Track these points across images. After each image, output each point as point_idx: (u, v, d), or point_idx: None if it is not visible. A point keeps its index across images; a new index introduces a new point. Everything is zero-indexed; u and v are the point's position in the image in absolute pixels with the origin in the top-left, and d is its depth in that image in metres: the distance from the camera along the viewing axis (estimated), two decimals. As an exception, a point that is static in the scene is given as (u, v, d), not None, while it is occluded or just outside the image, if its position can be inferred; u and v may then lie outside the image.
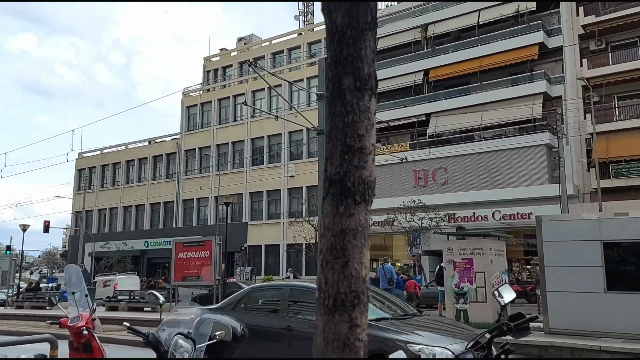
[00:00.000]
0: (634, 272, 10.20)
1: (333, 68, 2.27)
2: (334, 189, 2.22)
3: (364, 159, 2.22)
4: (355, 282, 2.17)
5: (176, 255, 18.72)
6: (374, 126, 2.28)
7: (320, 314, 2.20)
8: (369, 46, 2.26)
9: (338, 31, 2.25)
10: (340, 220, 2.19)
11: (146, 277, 40.70)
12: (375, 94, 2.29)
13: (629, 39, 27.69)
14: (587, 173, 27.11)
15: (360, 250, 2.21)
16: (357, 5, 2.23)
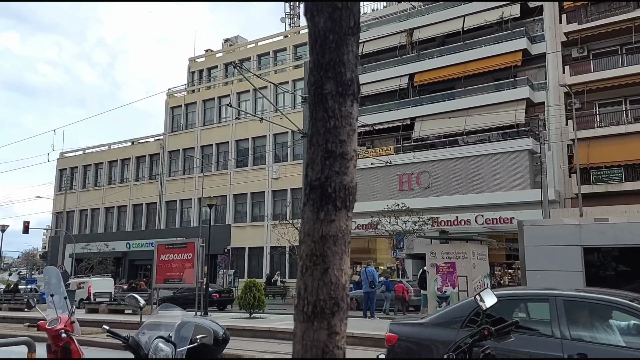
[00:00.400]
0: (612, 277, 10.36)
1: (315, 73, 2.25)
2: (314, 195, 2.19)
3: (345, 164, 2.19)
4: (335, 289, 2.13)
5: (158, 258, 18.55)
6: (356, 132, 2.25)
7: (299, 320, 2.17)
8: (352, 51, 2.25)
9: (320, 35, 2.24)
10: (321, 226, 2.16)
11: (127, 279, 40.29)
12: (357, 100, 2.27)
13: (610, 47, 28.16)
14: (569, 178, 27.47)
15: (340, 256, 2.17)
16: (340, 9, 2.21)
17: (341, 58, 2.21)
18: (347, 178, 2.19)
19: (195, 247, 17.77)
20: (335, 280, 2.14)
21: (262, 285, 18.33)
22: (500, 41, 30.14)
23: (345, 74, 2.22)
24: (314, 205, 2.18)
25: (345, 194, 2.18)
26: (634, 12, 26.65)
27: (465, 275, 11.97)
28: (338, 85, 2.20)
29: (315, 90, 2.24)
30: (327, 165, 2.17)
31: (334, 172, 2.17)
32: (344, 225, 2.20)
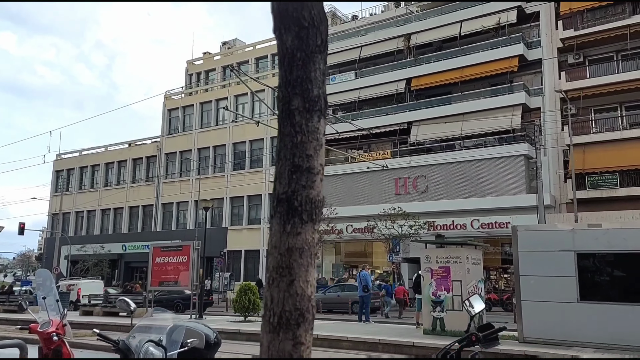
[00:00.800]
0: (606, 282, 10.40)
1: (283, 89, 2.31)
2: (281, 208, 2.24)
3: (311, 178, 2.25)
4: (300, 300, 2.18)
5: (153, 260, 18.52)
6: (323, 147, 2.31)
7: (265, 331, 2.22)
8: (319, 68, 2.30)
9: (288, 53, 2.29)
10: (287, 238, 2.21)
11: (122, 282, 40.18)
12: (324, 115, 2.32)
13: (606, 53, 28.31)
14: (564, 184, 27.57)
15: (306, 268, 2.21)
16: (306, 28, 2.26)
17: (308, 75, 2.27)
18: (313, 192, 2.25)
19: (190, 249, 17.75)
20: (301, 292, 2.18)
21: (258, 289, 18.31)
22: (496, 47, 30.26)
23: (312, 90, 2.27)
24: (280, 218, 2.24)
25: (311, 207, 2.23)
26: (629, 19, 26.81)
27: (460, 280, 11.98)
28: (305, 101, 2.26)
29: (283, 106, 2.30)
30: (294, 179, 2.23)
31: (301, 186, 2.23)
32: (310, 238, 2.24)
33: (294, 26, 2.27)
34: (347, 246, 34.58)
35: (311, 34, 2.28)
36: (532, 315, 10.59)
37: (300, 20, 2.26)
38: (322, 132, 2.30)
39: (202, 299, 19.72)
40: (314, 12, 2.29)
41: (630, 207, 24.58)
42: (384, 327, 15.60)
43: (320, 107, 2.30)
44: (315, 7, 2.30)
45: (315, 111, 2.28)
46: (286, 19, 2.29)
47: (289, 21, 2.28)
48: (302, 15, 2.26)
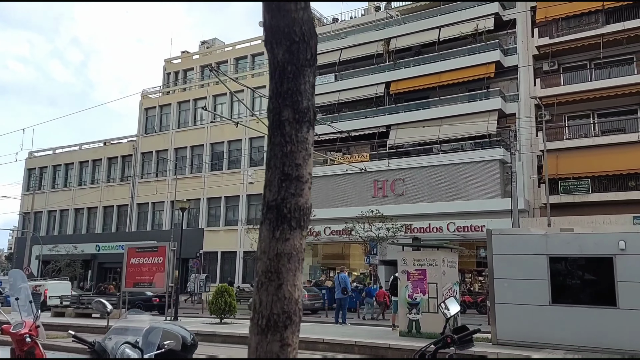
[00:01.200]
0: (577, 286, 10.64)
1: (274, 100, 2.40)
2: (271, 215, 2.33)
3: (300, 187, 2.34)
4: (288, 303, 2.27)
5: (128, 261, 18.28)
6: (312, 156, 2.40)
7: (254, 333, 2.30)
8: (308, 81, 2.41)
9: (279, 66, 2.38)
10: (276, 244, 2.30)
11: (96, 282, 39.55)
12: (313, 126, 2.42)
13: (579, 61, 28.96)
14: (538, 189, 28.09)
15: (294, 273, 2.30)
16: (297, 43, 2.36)
17: (298, 88, 2.37)
18: (302, 199, 2.34)
19: (166, 250, 17.58)
20: (289, 296, 2.27)
21: (234, 291, 18.23)
22: (474, 53, 30.71)
23: (302, 102, 2.38)
24: (270, 225, 2.32)
25: (300, 214, 2.33)
26: (602, 28, 27.49)
27: (436, 283, 12.11)
28: (295, 112, 2.36)
29: (274, 117, 2.39)
30: (283, 187, 2.32)
31: (290, 194, 2.32)
32: (298, 244, 2.33)
33: (285, 40, 2.36)
34: (324, 248, 34.65)
35: (302, 48, 2.38)
36: (506, 317, 10.78)
37: (292, 35, 2.36)
38: (311, 142, 2.39)
39: (178, 300, 19.53)
40: (304, 28, 2.38)
41: (601, 212, 25.18)
42: (360, 329, 15.67)
43: (309, 118, 2.40)
44: (306, 23, 2.40)
45: (304, 122, 2.38)
46: (278, 33, 2.38)
47: (281, 36, 2.37)
48: (294, 30, 2.36)
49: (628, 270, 9.69)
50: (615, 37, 27.09)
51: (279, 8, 2.36)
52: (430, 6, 34.13)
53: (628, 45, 27.16)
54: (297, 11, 2.37)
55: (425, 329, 11.96)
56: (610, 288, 9.82)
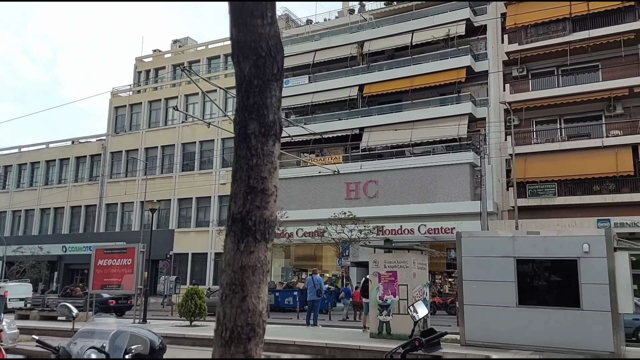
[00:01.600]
0: (543, 287, 10.89)
1: (240, 113, 2.41)
2: (236, 227, 2.34)
3: (265, 199, 2.36)
4: (252, 315, 2.28)
5: (96, 263, 17.93)
6: (277, 169, 2.42)
7: (217, 345, 2.30)
8: (275, 95, 2.42)
9: (246, 80, 2.40)
10: (241, 257, 2.31)
11: (62, 284, 38.61)
12: (279, 140, 2.44)
13: (547, 68, 29.65)
14: (506, 192, 28.63)
15: (258, 285, 2.32)
16: (264, 57, 2.38)
17: (264, 102, 2.38)
18: (267, 212, 2.36)
19: (135, 252, 17.30)
20: (253, 308, 2.29)
21: (204, 293, 18.05)
22: (446, 57, 31.16)
23: (268, 116, 2.39)
24: (235, 237, 2.33)
25: (265, 227, 2.35)
26: (569, 36, 28.21)
27: (406, 284, 12.22)
28: (261, 126, 2.38)
29: (240, 130, 2.41)
30: (248, 200, 2.34)
31: (255, 207, 2.34)
32: (263, 256, 2.35)
33: (252, 55, 2.38)
34: (297, 249, 34.61)
35: (268, 63, 2.40)
36: (474, 318, 10.95)
37: (258, 50, 2.38)
38: (276, 156, 2.41)
39: (147, 302, 19.23)
40: (271, 43, 2.40)
41: (567, 215, 25.82)
42: (331, 330, 15.71)
43: (275, 131, 2.41)
44: (273, 38, 2.42)
45: (270, 135, 2.39)
46: (244, 48, 2.40)
47: (247, 50, 2.39)
48: (260, 45, 2.38)
49: (591, 273, 9.96)
50: (582, 44, 27.84)
51: (246, 23, 2.38)
52: (403, 10, 34.49)
53: (593, 52, 27.94)
54: (263, 26, 2.39)
55: (395, 330, 12.06)
56: (575, 290, 10.08)
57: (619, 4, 27.25)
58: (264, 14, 2.39)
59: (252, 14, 2.37)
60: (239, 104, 2.42)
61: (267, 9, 2.40)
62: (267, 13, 2.40)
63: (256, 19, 2.38)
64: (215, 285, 35.56)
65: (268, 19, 2.40)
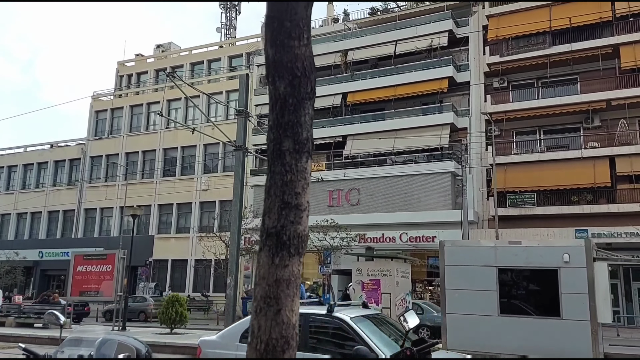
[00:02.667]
0: (523, 296, 11.03)
1: (275, 131, 2.46)
2: (270, 242, 2.38)
3: (299, 214, 2.43)
4: (286, 328, 2.31)
5: (74, 269, 17.64)
6: (309, 185, 2.49)
7: (252, 358, 2.33)
8: (308, 113, 2.52)
9: (281, 98, 2.46)
10: (276, 270, 2.35)
11: (38, 291, 37.84)
12: (311, 156, 2.51)
13: (527, 80, 30.17)
14: (487, 201, 28.96)
15: (292, 299, 2.36)
16: (299, 77, 2.46)
17: (299, 119, 2.46)
18: (300, 227, 2.43)
19: (115, 258, 17.07)
20: (287, 321, 2.32)
21: (186, 300, 17.87)
22: (428, 68, 31.50)
23: (302, 133, 2.47)
24: (269, 251, 2.38)
25: (298, 241, 2.42)
26: (549, 49, 28.78)
27: (389, 293, 12.29)
28: (295, 143, 2.45)
29: (274, 147, 2.45)
30: (283, 215, 2.39)
31: (289, 222, 2.39)
32: (296, 270, 2.43)
33: (288, 75, 2.45)
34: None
35: (303, 82, 2.48)
36: (456, 327, 11.03)
37: (294, 70, 2.46)
38: (309, 172, 2.47)
39: (126, 309, 18.94)
40: (306, 63, 2.49)
41: (546, 225, 26.22)
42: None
43: (308, 148, 2.49)
44: (308, 58, 2.51)
45: (304, 152, 2.47)
46: (280, 68, 2.46)
47: (283, 70, 2.46)
48: (296, 65, 2.46)
49: (571, 282, 10.12)
50: (561, 57, 28.42)
51: (283, 44, 2.45)
52: (387, 20, 34.81)
53: (573, 66, 28.55)
54: (300, 47, 2.47)
55: (378, 338, 12.07)
56: (555, 299, 10.23)
57: (597, 19, 27.91)
58: (300, 35, 2.47)
59: (290, 35, 2.45)
60: (273, 121, 2.47)
61: (304, 31, 2.48)
62: (303, 35, 2.49)
63: (293, 40, 2.45)
64: (195, 292, 35.22)
65: (304, 40, 2.49)
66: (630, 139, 26.78)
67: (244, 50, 40.68)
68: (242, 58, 40.68)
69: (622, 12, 27.57)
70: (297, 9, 2.46)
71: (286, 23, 2.45)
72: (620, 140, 26.84)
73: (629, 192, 26.01)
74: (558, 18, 28.60)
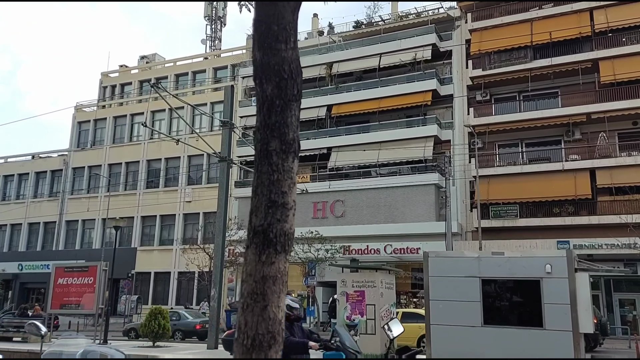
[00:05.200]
0: (506, 307, 11.09)
1: (262, 131, 2.53)
2: (257, 239, 2.44)
3: (285, 213, 2.48)
4: (272, 324, 2.37)
5: (55, 281, 17.35)
6: (296, 184, 2.54)
7: (239, 353, 2.37)
8: (294, 114, 2.58)
9: (268, 100, 2.53)
10: (262, 267, 2.40)
11: (17, 304, 37.06)
12: (297, 157, 2.57)
13: (509, 93, 30.64)
14: (470, 213, 29.20)
15: (278, 295, 2.42)
16: (285, 79, 2.53)
17: (285, 120, 2.52)
18: (286, 225, 2.48)
19: (97, 270, 16.83)
20: (273, 316, 2.37)
21: (168, 313, 17.65)
22: (412, 81, 31.84)
23: (289, 134, 2.53)
24: (256, 249, 2.43)
25: (284, 239, 2.46)
26: (530, 63, 29.30)
27: (374, 304, 12.28)
28: (282, 143, 2.50)
29: (262, 147, 2.51)
30: (270, 214, 2.45)
31: (276, 220, 2.44)
32: (283, 267, 2.48)
33: (275, 77, 2.52)
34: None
35: (289, 84, 2.55)
36: (441, 338, 11.04)
37: (281, 72, 2.52)
38: (295, 171, 2.52)
39: (108, 322, 18.66)
40: (292, 66, 2.56)
41: (528, 236, 26.49)
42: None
43: (294, 149, 2.55)
44: (294, 61, 2.58)
45: (290, 152, 2.52)
46: (268, 70, 2.53)
47: (270, 72, 2.52)
48: (283, 68, 2.53)
49: (553, 293, 10.20)
50: (542, 71, 28.94)
51: (271, 47, 2.52)
52: (371, 34, 35.17)
53: (554, 80, 29.07)
54: (286, 50, 2.53)
55: (363, 350, 12.00)
56: (537, 309, 10.30)
57: (577, 34, 28.51)
58: (287, 39, 2.54)
59: (277, 38, 2.52)
60: (260, 122, 2.54)
61: (290, 35, 2.56)
62: (290, 38, 2.56)
63: (280, 43, 2.52)
64: (178, 305, 34.80)
65: (291, 43, 2.56)
66: (610, 151, 27.28)
67: (228, 62, 40.71)
68: (227, 70, 40.69)
69: (601, 28, 28.21)
70: (285, 13, 2.53)
71: (274, 27, 2.51)
72: (600, 153, 27.32)
73: (609, 204, 26.42)
74: (539, 33, 29.17)
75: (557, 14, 29.47)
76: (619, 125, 27.56)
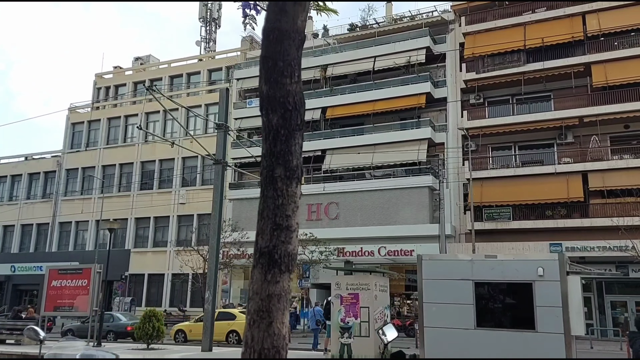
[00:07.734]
0: (499, 310, 11.19)
1: (267, 159, 2.67)
2: (263, 260, 2.59)
3: (289, 235, 2.63)
4: (277, 339, 2.49)
5: (49, 283, 17.32)
6: (299, 208, 2.69)
7: None
8: (298, 143, 2.73)
9: (273, 129, 2.68)
10: (268, 286, 2.54)
11: (9, 306, 36.87)
12: (300, 182, 2.72)
13: (503, 96, 30.84)
14: (464, 215, 29.34)
15: (282, 312, 2.56)
16: (290, 111, 2.68)
17: (290, 149, 2.66)
18: (290, 246, 2.63)
19: (91, 273, 16.82)
20: (278, 332, 2.50)
21: (163, 315, 17.65)
22: (406, 83, 31.99)
23: (292, 161, 2.67)
24: (262, 268, 2.58)
25: (289, 259, 2.61)
26: (523, 66, 29.51)
27: (368, 307, 12.33)
28: (286, 170, 2.65)
29: (267, 173, 2.65)
30: (275, 236, 2.59)
31: (280, 242, 2.59)
32: (287, 286, 2.59)
33: (280, 108, 2.66)
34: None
35: (294, 115, 2.70)
36: (434, 341, 11.12)
37: (286, 105, 2.67)
38: (299, 196, 2.67)
39: (102, 324, 18.62)
40: (296, 98, 2.71)
41: (521, 239, 26.65)
42: (293, 354, 15.59)
43: (298, 175, 2.71)
44: (298, 94, 2.75)
45: (294, 178, 2.67)
46: (273, 102, 2.68)
47: (276, 104, 2.67)
48: (287, 100, 2.68)
49: (546, 296, 10.31)
50: (535, 75, 29.15)
51: (277, 81, 2.67)
52: (366, 37, 35.31)
53: (547, 83, 29.29)
54: (291, 84, 2.69)
55: (356, 353, 12.10)
56: (530, 312, 10.40)
57: (570, 38, 28.75)
58: (292, 74, 2.70)
59: (283, 73, 2.68)
60: (266, 150, 2.67)
61: (295, 70, 2.72)
62: (295, 73, 2.72)
63: (286, 78, 2.68)
64: (172, 307, 34.74)
65: (295, 77, 2.72)
66: (602, 155, 27.50)
67: (223, 63, 40.71)
68: (221, 72, 40.69)
69: (593, 32, 28.46)
70: (290, 50, 2.68)
71: (279, 63, 2.66)
72: (592, 156, 27.54)
73: (601, 206, 26.63)
74: (532, 37, 29.39)
75: (550, 18, 29.71)
76: (611, 129, 27.80)
